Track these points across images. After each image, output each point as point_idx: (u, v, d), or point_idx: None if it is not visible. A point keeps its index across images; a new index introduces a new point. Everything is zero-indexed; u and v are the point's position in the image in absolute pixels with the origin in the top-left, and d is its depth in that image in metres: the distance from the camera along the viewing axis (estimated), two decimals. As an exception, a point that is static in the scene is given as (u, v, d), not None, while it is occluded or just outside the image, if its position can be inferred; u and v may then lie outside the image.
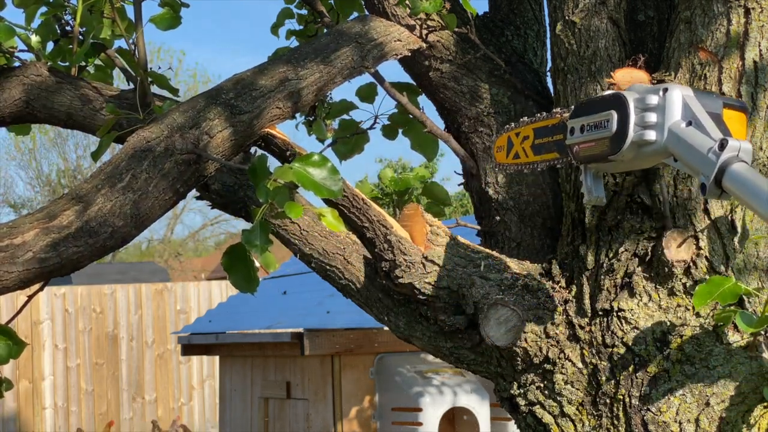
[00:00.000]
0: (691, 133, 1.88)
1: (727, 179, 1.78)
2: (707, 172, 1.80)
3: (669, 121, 1.92)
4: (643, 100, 1.97)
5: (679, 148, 1.90)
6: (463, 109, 2.75)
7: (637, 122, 1.96)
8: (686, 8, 2.37)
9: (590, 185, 2.12)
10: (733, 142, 1.80)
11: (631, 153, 1.98)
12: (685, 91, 1.94)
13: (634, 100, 1.98)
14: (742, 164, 1.78)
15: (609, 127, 2.00)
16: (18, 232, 2.03)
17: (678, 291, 2.30)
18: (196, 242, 31.98)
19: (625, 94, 2.00)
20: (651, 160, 2.01)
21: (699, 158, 1.84)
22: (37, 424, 11.86)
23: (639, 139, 1.96)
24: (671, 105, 1.93)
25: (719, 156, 1.79)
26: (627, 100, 1.98)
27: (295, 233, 2.59)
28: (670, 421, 2.27)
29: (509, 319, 2.35)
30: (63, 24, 2.88)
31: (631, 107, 1.97)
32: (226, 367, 7.59)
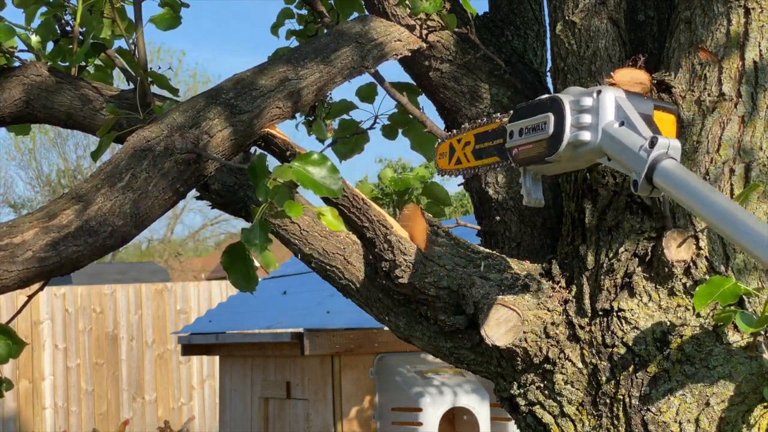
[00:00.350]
0: (623, 133, 1.95)
1: (657, 175, 1.85)
2: (639, 169, 1.88)
3: (603, 122, 1.99)
4: (578, 102, 2.03)
5: (612, 147, 1.97)
6: (463, 109, 2.75)
7: (572, 123, 2.03)
8: (686, 8, 2.37)
9: (529, 187, 2.19)
10: (662, 140, 1.87)
11: (568, 153, 2.04)
12: (617, 93, 2.01)
13: (570, 102, 2.04)
14: (671, 161, 1.86)
15: (546, 129, 2.07)
16: (18, 231, 2.03)
17: (678, 291, 2.30)
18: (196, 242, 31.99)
19: (561, 97, 2.06)
20: (587, 160, 2.07)
21: (631, 156, 1.91)
22: (37, 424, 11.86)
23: (575, 139, 2.02)
24: (604, 106, 1.99)
25: (649, 153, 1.87)
26: (563, 102, 2.05)
27: (295, 233, 2.59)
28: (670, 421, 2.27)
29: (509, 319, 2.35)
30: (63, 24, 2.88)
31: (566, 109, 2.03)
32: (226, 367, 7.59)
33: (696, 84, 2.33)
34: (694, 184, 1.81)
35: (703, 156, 2.31)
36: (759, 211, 2.31)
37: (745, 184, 2.30)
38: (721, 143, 2.30)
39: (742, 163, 2.30)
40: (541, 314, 2.39)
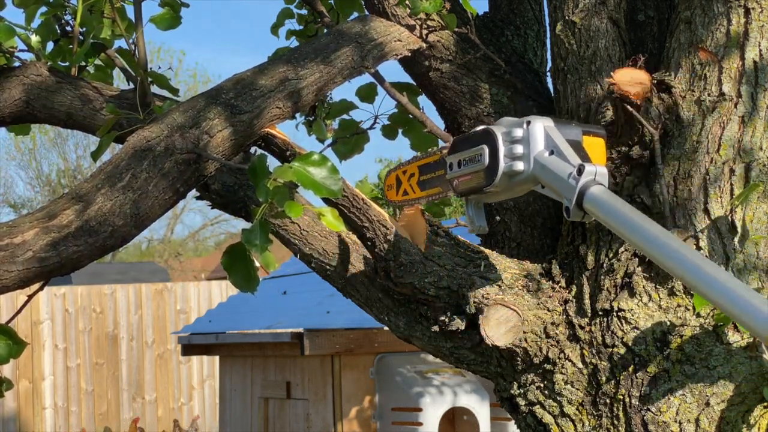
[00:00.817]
0: (553, 161, 2.03)
1: (586, 201, 1.93)
2: (569, 196, 1.96)
3: (534, 152, 2.07)
4: (510, 134, 2.10)
5: (544, 175, 2.05)
6: (463, 109, 2.75)
7: (506, 154, 2.11)
8: (686, 8, 2.37)
9: (472, 215, 2.28)
10: (589, 167, 1.96)
11: (504, 183, 2.13)
12: (546, 123, 2.08)
13: (502, 134, 2.12)
14: (599, 187, 1.94)
15: (482, 161, 2.15)
16: (18, 231, 2.03)
17: (678, 291, 2.30)
18: (196, 242, 31.98)
19: (494, 129, 2.13)
20: (523, 188, 2.16)
21: (561, 184, 1.99)
22: (37, 424, 11.86)
23: (509, 170, 2.10)
24: (534, 136, 2.07)
25: (578, 180, 1.95)
26: (495, 134, 2.12)
27: (295, 233, 2.59)
28: (670, 421, 2.27)
29: (509, 319, 2.35)
30: (63, 24, 2.88)
31: (499, 141, 2.11)
32: (226, 367, 7.59)
33: (696, 84, 2.33)
34: (621, 209, 1.89)
35: (703, 156, 2.31)
36: (759, 211, 2.31)
37: (745, 184, 2.30)
38: (721, 143, 2.30)
39: (742, 163, 2.30)
40: (541, 314, 2.39)
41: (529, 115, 2.71)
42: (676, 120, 2.34)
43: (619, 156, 2.38)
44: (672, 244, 1.80)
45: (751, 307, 1.64)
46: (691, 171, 2.32)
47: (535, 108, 2.73)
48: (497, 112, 2.72)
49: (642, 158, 2.35)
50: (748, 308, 1.65)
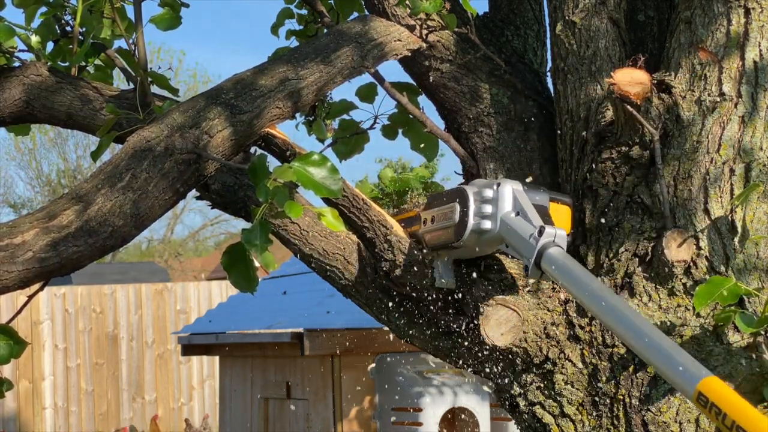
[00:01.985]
0: (517, 222, 2.14)
1: (544, 261, 2.03)
2: (528, 255, 2.06)
3: (501, 212, 2.18)
4: (481, 193, 2.21)
5: (508, 235, 2.16)
6: (463, 109, 2.75)
7: (475, 212, 2.21)
8: (686, 8, 2.37)
9: (441, 271, 2.36)
10: (549, 229, 2.06)
11: (472, 240, 2.22)
12: (515, 186, 2.19)
13: (473, 193, 2.22)
14: (557, 249, 2.04)
15: (453, 218, 2.24)
16: (18, 231, 2.03)
17: (678, 291, 2.30)
18: (196, 242, 31.98)
19: (466, 189, 2.24)
20: (491, 245, 2.26)
21: (523, 244, 2.10)
22: (37, 424, 11.86)
23: (477, 227, 2.20)
24: (503, 198, 2.18)
25: (538, 241, 2.05)
26: (467, 193, 2.22)
27: (295, 233, 2.59)
28: (670, 421, 2.27)
29: (509, 319, 2.35)
30: (63, 24, 2.88)
31: (470, 199, 2.21)
32: (226, 367, 7.60)
33: (696, 84, 2.33)
34: (575, 271, 1.99)
35: (703, 156, 2.31)
36: (759, 211, 2.31)
37: (745, 184, 2.30)
38: (721, 143, 2.30)
39: (742, 163, 2.30)
40: (541, 314, 2.39)
41: (528, 115, 2.72)
42: (676, 120, 2.34)
43: (619, 156, 2.38)
44: (620, 307, 1.91)
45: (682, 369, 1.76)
46: (691, 171, 2.32)
47: (535, 108, 2.73)
48: (497, 112, 2.72)
49: (642, 158, 2.35)
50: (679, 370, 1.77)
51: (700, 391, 1.73)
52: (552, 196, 2.27)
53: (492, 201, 2.19)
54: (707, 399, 1.71)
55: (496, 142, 2.71)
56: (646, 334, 1.85)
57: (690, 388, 1.74)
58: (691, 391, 1.74)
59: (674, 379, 1.79)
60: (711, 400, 1.71)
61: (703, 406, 1.71)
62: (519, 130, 2.72)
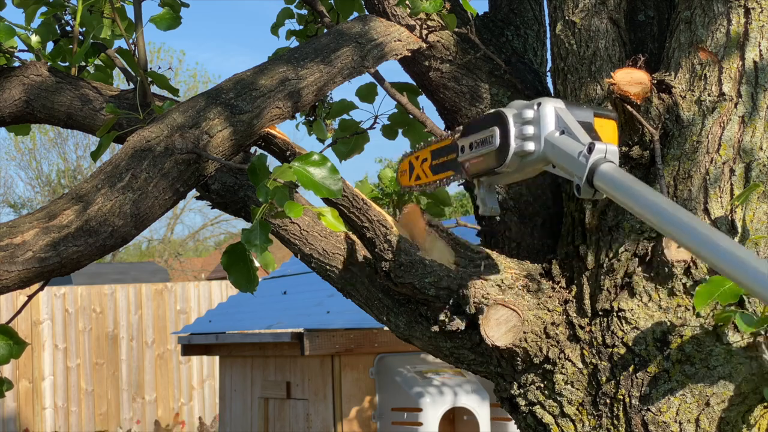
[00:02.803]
0: (563, 141, 2.06)
1: (596, 178, 1.95)
2: (580, 174, 1.97)
3: (544, 132, 2.09)
4: (521, 115, 2.13)
5: (554, 155, 2.07)
6: (463, 109, 2.75)
7: (516, 135, 2.13)
8: (686, 8, 2.37)
9: (483, 197, 2.29)
10: (599, 145, 1.98)
11: (515, 164, 2.14)
12: (557, 104, 2.11)
13: (513, 115, 2.14)
14: (609, 164, 1.96)
15: (493, 142, 2.16)
16: (18, 231, 2.03)
17: (678, 291, 2.30)
18: (196, 242, 31.97)
19: (505, 111, 2.16)
20: (534, 168, 2.17)
21: (572, 162, 2.01)
22: (37, 424, 11.86)
23: (520, 150, 2.12)
24: (545, 117, 2.09)
25: (588, 158, 1.97)
26: (506, 116, 2.15)
27: (295, 233, 2.59)
28: (670, 421, 2.27)
29: (509, 319, 2.35)
30: (63, 24, 2.88)
31: (510, 122, 2.14)
32: (226, 367, 7.59)
33: (696, 84, 2.33)
34: (631, 185, 1.90)
35: (703, 156, 2.31)
36: (759, 211, 2.31)
37: (745, 184, 2.30)
38: (721, 143, 2.30)
39: (742, 163, 2.30)
40: (541, 314, 2.39)
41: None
42: (676, 120, 2.34)
43: (619, 156, 2.37)
44: (683, 218, 1.80)
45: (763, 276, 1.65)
46: (691, 171, 2.32)
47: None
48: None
49: (642, 158, 2.35)
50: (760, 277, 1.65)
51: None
52: (596, 111, 2.18)
53: (533, 121, 2.10)
54: None
55: (496, 142, 2.71)
56: (721, 246, 1.72)
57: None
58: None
59: (757, 290, 1.67)
60: None
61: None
62: (519, 130, 2.72)
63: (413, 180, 2.58)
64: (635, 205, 1.89)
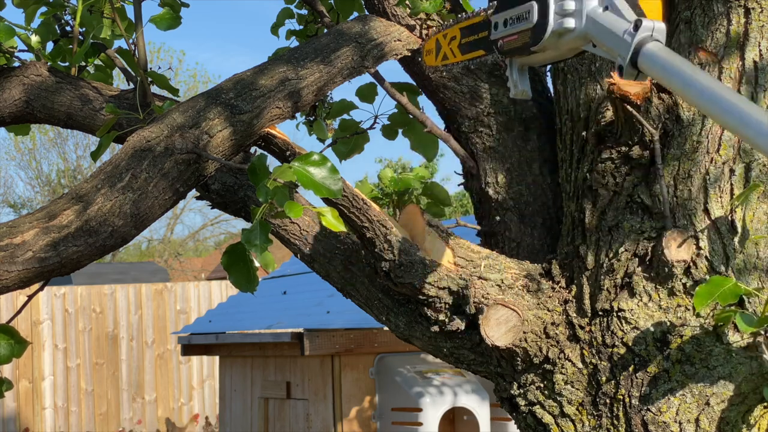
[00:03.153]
0: (607, 17, 1.92)
1: (641, 59, 1.82)
2: (624, 54, 1.85)
3: (587, 8, 1.95)
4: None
5: (596, 32, 1.94)
6: (463, 109, 2.75)
7: (556, 11, 1.99)
8: (686, 8, 2.37)
9: (516, 79, 2.16)
10: (647, 22, 1.84)
11: (553, 42, 2.01)
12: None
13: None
14: (656, 44, 1.83)
15: (530, 19, 2.03)
16: (18, 231, 2.03)
17: (678, 291, 2.30)
18: (196, 242, 31.97)
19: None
20: (571, 48, 2.04)
21: (615, 40, 1.88)
22: (37, 424, 11.86)
23: (559, 27, 1.99)
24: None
25: (634, 36, 1.84)
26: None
27: (295, 233, 2.59)
28: (670, 421, 2.27)
29: (509, 319, 2.35)
30: (63, 24, 2.88)
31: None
32: (226, 367, 7.59)
33: (696, 84, 2.32)
34: (679, 66, 1.78)
35: (703, 156, 2.31)
36: (759, 211, 2.31)
37: (745, 184, 2.30)
38: (721, 143, 2.30)
39: (742, 163, 2.30)
40: (541, 314, 2.39)
41: (528, 115, 2.72)
42: (676, 120, 2.34)
43: (619, 156, 2.38)
44: (736, 102, 1.69)
45: None
46: (691, 171, 2.32)
47: (535, 108, 2.73)
48: (497, 112, 2.72)
49: (642, 158, 2.35)
50: None
51: None
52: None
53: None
54: None
55: (496, 141, 2.71)
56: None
57: None
58: None
59: None
60: None
61: None
62: (519, 130, 2.72)
63: (440, 60, 2.46)
64: (683, 89, 1.76)
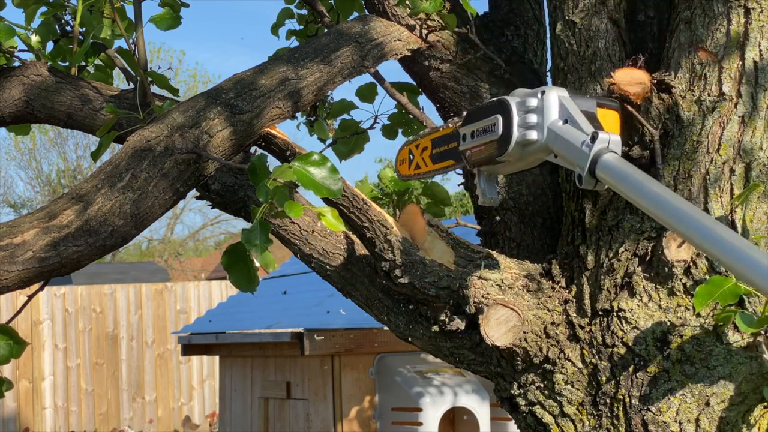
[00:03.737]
0: (567, 130, 2.04)
1: (598, 168, 1.94)
2: (582, 164, 1.97)
3: (547, 121, 2.08)
4: (524, 103, 2.12)
5: (557, 144, 2.05)
6: (463, 109, 2.75)
7: (519, 124, 2.11)
8: (686, 8, 2.37)
9: (483, 187, 2.28)
10: (602, 134, 1.96)
11: (517, 153, 2.13)
12: (560, 93, 2.10)
13: (516, 103, 2.13)
14: (611, 154, 1.94)
15: (496, 131, 2.15)
16: (18, 231, 2.03)
17: (678, 291, 2.30)
18: (196, 242, 31.97)
19: (508, 99, 2.15)
20: (536, 158, 2.15)
21: (575, 152, 2.00)
22: (37, 424, 11.86)
23: (522, 139, 2.10)
24: (548, 106, 2.08)
25: (591, 148, 1.96)
26: (510, 104, 2.13)
27: (295, 233, 2.59)
28: (670, 421, 2.27)
29: (509, 319, 2.35)
30: (63, 24, 2.88)
31: (513, 110, 2.12)
32: (226, 367, 7.59)
33: (696, 84, 2.33)
34: (634, 176, 1.88)
35: (703, 156, 2.31)
36: (759, 211, 2.31)
37: (745, 184, 2.30)
38: (721, 143, 2.30)
39: (742, 163, 2.30)
40: (541, 314, 2.39)
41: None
42: (676, 120, 2.34)
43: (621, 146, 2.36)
44: (685, 209, 1.78)
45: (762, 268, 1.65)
46: (691, 171, 2.32)
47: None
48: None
49: (642, 158, 2.35)
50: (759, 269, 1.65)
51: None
52: (599, 101, 2.18)
53: (537, 110, 2.09)
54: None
55: (496, 142, 2.71)
56: (723, 239, 1.71)
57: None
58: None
59: (757, 283, 1.66)
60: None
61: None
62: (519, 130, 2.72)
63: (413, 169, 2.57)
64: (637, 197, 1.87)
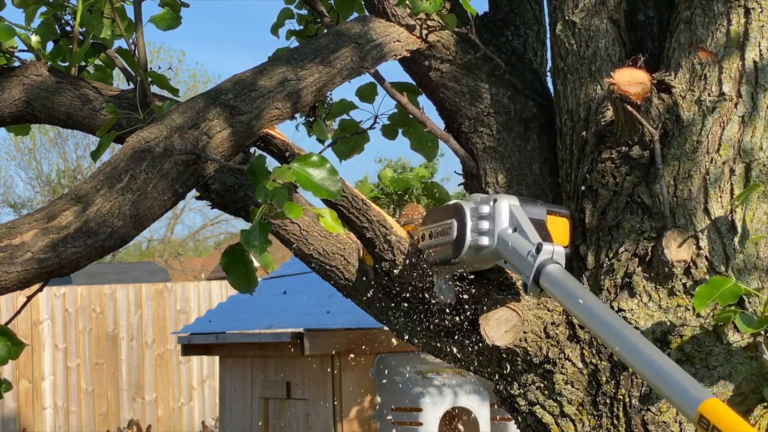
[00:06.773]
0: (515, 239, 2.15)
1: (542, 278, 2.04)
2: (527, 273, 2.07)
3: (498, 228, 2.19)
4: (477, 209, 2.21)
5: (506, 252, 2.17)
6: (463, 109, 2.75)
7: (473, 229, 2.22)
8: (686, 8, 2.37)
9: (440, 287, 2.36)
10: (547, 246, 2.07)
11: (470, 256, 2.23)
12: (511, 201, 2.20)
13: (470, 209, 2.23)
14: (555, 266, 2.05)
15: (450, 234, 2.26)
16: (17, 232, 2.03)
17: (678, 291, 2.30)
18: (196, 242, 31.97)
19: (463, 204, 2.25)
20: (489, 261, 2.27)
21: (521, 261, 2.10)
22: (37, 424, 11.86)
23: (474, 244, 2.21)
24: (500, 213, 2.18)
25: (536, 258, 2.05)
26: (464, 209, 2.23)
27: (295, 233, 2.58)
28: (670, 421, 2.27)
29: (509, 319, 2.35)
30: (63, 24, 2.88)
31: (467, 216, 2.22)
32: (226, 367, 7.59)
33: (696, 84, 2.33)
34: (572, 289, 2.00)
35: (703, 156, 2.31)
36: (759, 211, 2.31)
37: (745, 184, 2.30)
38: (721, 143, 2.30)
39: (742, 163, 2.30)
40: (541, 314, 2.39)
41: (528, 115, 2.72)
42: (676, 120, 2.34)
43: (619, 156, 2.38)
44: (619, 327, 1.91)
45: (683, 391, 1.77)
46: (691, 171, 2.32)
47: (535, 108, 2.73)
48: (497, 112, 2.72)
49: (642, 158, 2.35)
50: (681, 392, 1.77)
51: (702, 413, 1.73)
52: (549, 209, 2.27)
53: (489, 217, 2.19)
54: (708, 422, 1.71)
55: (496, 142, 2.71)
56: (647, 355, 1.86)
57: (691, 411, 1.74)
58: (692, 414, 1.74)
59: (675, 401, 1.79)
60: (712, 423, 1.71)
61: (705, 429, 1.71)
62: (519, 130, 2.72)
63: None
64: (575, 310, 1.99)
